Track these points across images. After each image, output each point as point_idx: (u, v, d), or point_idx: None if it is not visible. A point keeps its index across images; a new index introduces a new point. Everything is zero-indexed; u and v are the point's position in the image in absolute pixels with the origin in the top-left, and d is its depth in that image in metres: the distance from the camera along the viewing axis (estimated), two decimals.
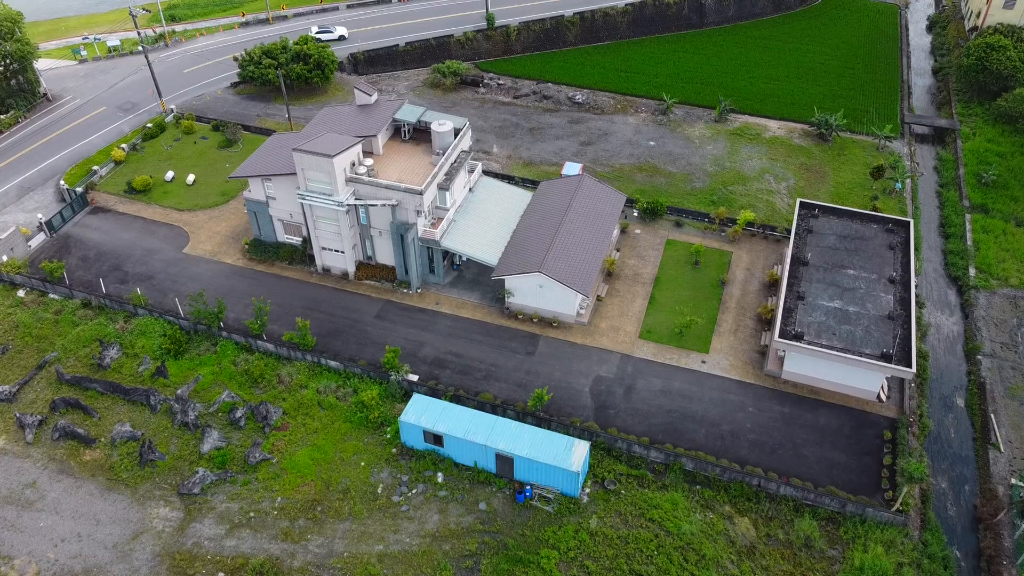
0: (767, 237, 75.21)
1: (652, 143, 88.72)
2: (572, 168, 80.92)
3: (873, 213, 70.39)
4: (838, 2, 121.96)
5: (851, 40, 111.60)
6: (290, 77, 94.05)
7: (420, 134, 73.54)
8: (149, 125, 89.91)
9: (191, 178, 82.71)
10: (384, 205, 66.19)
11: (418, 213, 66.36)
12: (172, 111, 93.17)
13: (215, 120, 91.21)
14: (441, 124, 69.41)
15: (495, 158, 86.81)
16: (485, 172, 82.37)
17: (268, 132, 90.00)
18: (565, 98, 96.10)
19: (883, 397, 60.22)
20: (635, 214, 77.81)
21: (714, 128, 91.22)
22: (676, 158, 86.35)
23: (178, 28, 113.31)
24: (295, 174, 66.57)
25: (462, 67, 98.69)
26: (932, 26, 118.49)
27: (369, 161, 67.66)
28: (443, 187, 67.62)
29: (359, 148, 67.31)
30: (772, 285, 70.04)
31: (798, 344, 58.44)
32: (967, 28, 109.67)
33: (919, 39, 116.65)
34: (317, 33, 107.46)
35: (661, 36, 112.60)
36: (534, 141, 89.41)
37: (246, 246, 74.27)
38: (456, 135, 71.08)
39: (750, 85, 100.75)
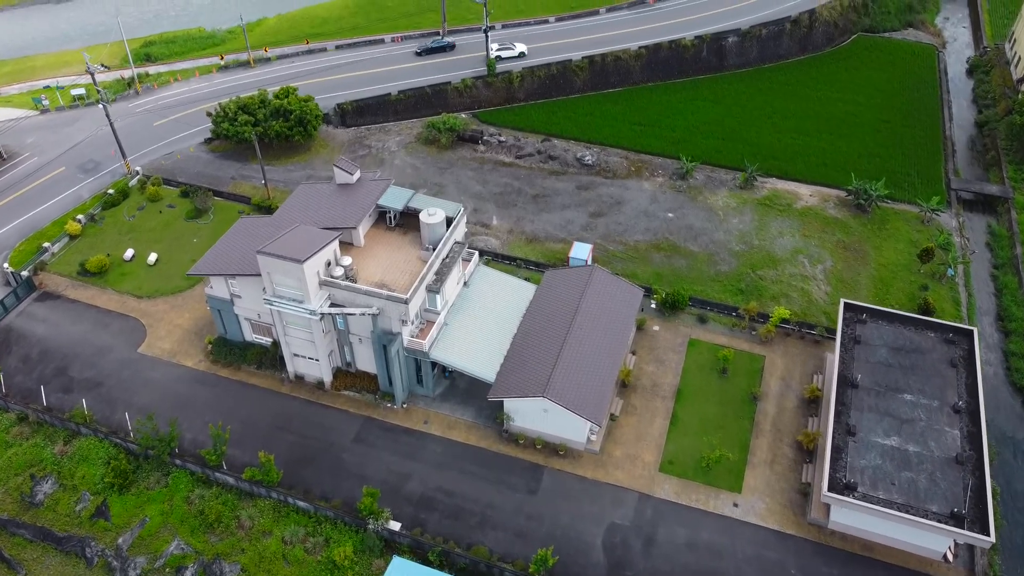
0: (804, 337, 65.89)
1: (671, 215, 79.36)
2: (581, 250, 71.64)
3: (929, 319, 60.94)
4: (868, 43, 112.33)
5: (885, 87, 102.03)
6: (268, 135, 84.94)
7: (409, 218, 64.50)
8: (111, 191, 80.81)
9: (153, 257, 73.62)
10: (364, 314, 57.00)
11: (403, 322, 57.19)
12: (137, 173, 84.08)
13: (184, 185, 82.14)
14: (431, 214, 60.25)
15: (495, 232, 77.57)
16: (482, 252, 73.32)
17: (243, 199, 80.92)
18: (573, 159, 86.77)
19: (950, 557, 50.87)
20: (652, 306, 68.55)
21: (739, 197, 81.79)
22: (698, 234, 76.97)
23: (151, 70, 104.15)
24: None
25: (459, 122, 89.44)
26: (973, 70, 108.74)
27: (347, 260, 58.53)
28: (433, 290, 58.46)
29: (336, 244, 58.23)
30: (812, 402, 60.71)
31: (851, 500, 49.09)
32: (1015, 78, 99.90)
33: (959, 84, 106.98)
34: (498, 51, 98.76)
35: (677, 82, 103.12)
36: (538, 211, 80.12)
37: (209, 346, 65.18)
38: (449, 224, 61.97)
39: (777, 141, 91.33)
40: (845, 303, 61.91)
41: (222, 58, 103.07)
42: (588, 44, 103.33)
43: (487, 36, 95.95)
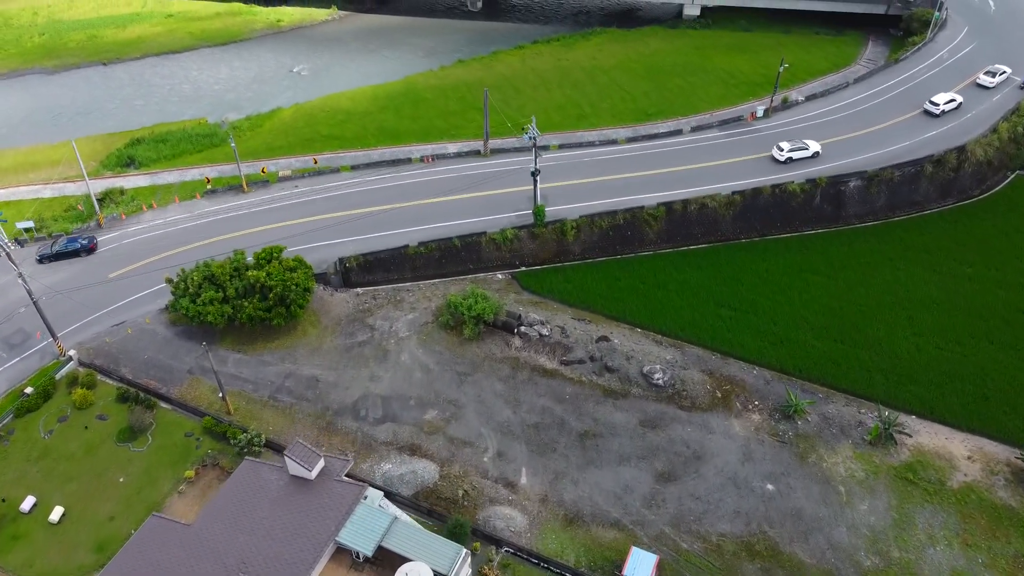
0: None
1: (770, 487, 56.70)
2: (642, 566, 49.73)
3: None
4: None
5: None
6: (239, 317, 65.28)
7: (384, 551, 43.69)
8: (28, 391, 62.10)
9: (57, 512, 54.38)
10: None
11: None
12: (70, 359, 65.19)
13: (123, 385, 62.93)
14: None
15: (523, 497, 56.08)
16: (501, 542, 52.18)
17: (195, 412, 61.26)
18: (637, 374, 64.59)
19: None
20: None
21: (869, 460, 58.55)
22: (809, 528, 54.17)
23: (128, 183, 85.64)
24: None
25: (488, 306, 67.88)
26: None
27: None
28: None
29: None
30: None
31: None
32: None
33: None
34: (789, 151, 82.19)
35: (780, 238, 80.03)
36: (586, 463, 58.29)
37: None
38: None
39: (916, 349, 67.60)
40: None
41: (208, 181, 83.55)
42: (665, 180, 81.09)
43: (536, 181, 74.31)
